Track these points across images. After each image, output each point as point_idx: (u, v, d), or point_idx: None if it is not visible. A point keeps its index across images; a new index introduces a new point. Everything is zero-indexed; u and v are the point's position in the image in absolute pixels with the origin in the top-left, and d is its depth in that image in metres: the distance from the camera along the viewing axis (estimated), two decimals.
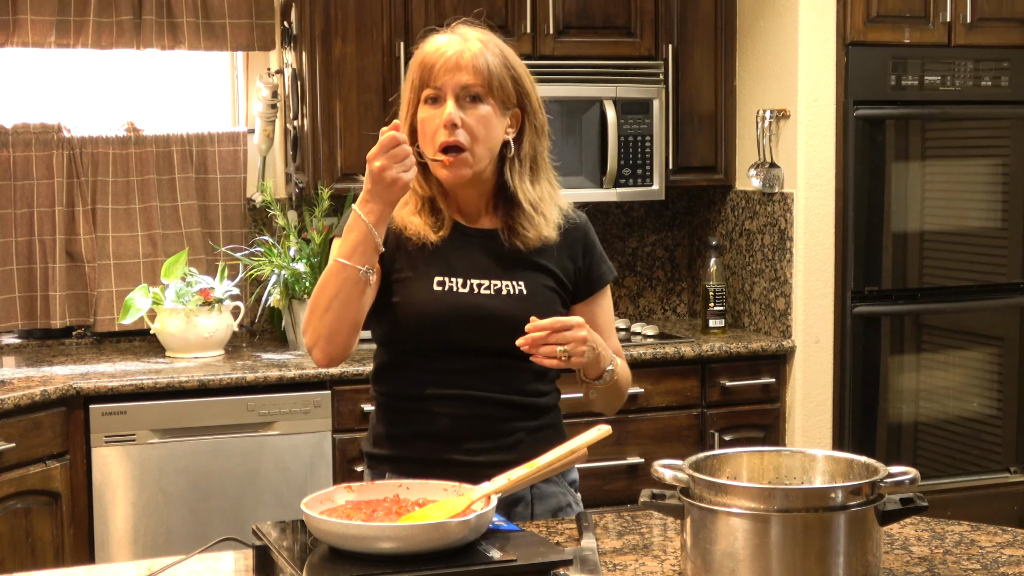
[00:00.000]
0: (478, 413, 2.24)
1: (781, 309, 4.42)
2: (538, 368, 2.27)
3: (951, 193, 4.56)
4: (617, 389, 2.31)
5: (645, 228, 4.91)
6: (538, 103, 2.29)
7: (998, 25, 4.50)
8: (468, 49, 2.21)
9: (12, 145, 4.16)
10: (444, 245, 2.26)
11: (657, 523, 2.22)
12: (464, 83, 2.20)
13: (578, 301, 2.35)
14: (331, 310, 2.14)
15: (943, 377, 4.59)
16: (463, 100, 2.20)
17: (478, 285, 2.25)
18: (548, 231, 2.28)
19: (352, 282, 2.13)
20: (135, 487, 3.72)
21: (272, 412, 3.79)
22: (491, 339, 2.20)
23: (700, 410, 4.29)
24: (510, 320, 2.20)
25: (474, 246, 2.28)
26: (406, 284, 2.25)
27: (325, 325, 2.15)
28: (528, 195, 2.27)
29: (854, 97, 4.35)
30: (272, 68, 4.41)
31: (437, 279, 2.24)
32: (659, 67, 4.44)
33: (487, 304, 2.23)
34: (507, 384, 2.26)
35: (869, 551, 1.79)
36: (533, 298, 2.26)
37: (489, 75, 2.20)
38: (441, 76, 2.20)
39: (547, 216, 2.29)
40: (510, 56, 2.26)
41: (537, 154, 2.30)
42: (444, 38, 2.25)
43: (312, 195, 4.19)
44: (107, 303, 4.27)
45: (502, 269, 2.27)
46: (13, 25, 4.07)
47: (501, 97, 2.22)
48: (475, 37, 2.24)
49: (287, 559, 1.81)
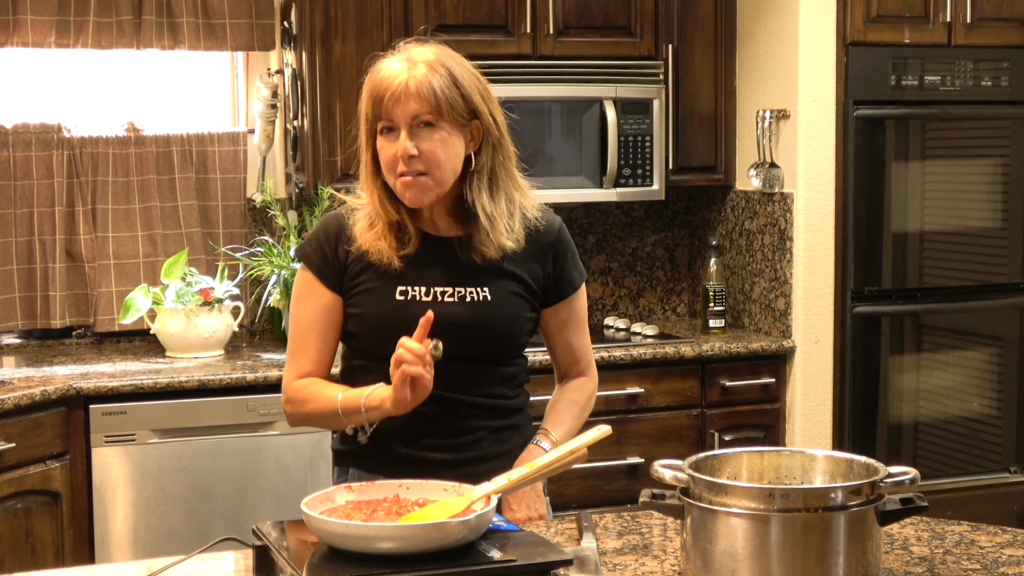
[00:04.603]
0: (438, 412, 2.25)
1: (781, 309, 4.42)
2: (505, 373, 2.31)
3: (951, 193, 4.56)
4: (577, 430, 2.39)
5: (645, 228, 4.91)
6: (492, 116, 2.26)
7: (998, 25, 4.50)
8: (413, 76, 2.18)
9: (12, 145, 4.16)
10: (410, 258, 2.27)
11: (657, 523, 2.22)
12: (413, 112, 2.18)
13: (548, 305, 2.37)
14: (316, 425, 2.34)
15: (943, 377, 4.59)
16: (416, 128, 2.19)
17: (442, 293, 2.26)
18: (507, 242, 2.27)
19: (343, 425, 2.26)
20: (135, 487, 3.72)
21: (272, 412, 3.79)
22: (454, 346, 2.20)
23: (700, 410, 4.29)
24: (473, 327, 2.25)
25: (440, 255, 2.29)
26: (369, 295, 2.28)
27: (310, 425, 2.35)
28: (485, 208, 2.25)
29: (854, 97, 4.35)
30: (272, 68, 4.41)
31: (400, 289, 2.26)
32: (659, 67, 4.44)
33: (449, 312, 2.24)
34: (470, 387, 2.29)
35: (869, 551, 1.79)
36: (498, 305, 2.28)
37: (436, 100, 2.18)
38: (391, 108, 2.19)
39: (508, 228, 2.28)
40: (459, 73, 2.22)
41: (496, 166, 2.27)
42: (392, 64, 2.22)
43: (312, 195, 4.19)
44: (107, 303, 4.27)
45: (467, 276, 2.28)
46: (13, 25, 4.07)
47: (453, 117, 2.20)
48: (422, 60, 2.21)
49: (287, 559, 1.82)
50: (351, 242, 2.29)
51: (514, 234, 2.29)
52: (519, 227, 2.30)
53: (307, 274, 2.33)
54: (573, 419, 2.39)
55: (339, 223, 2.33)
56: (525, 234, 2.31)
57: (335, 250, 2.30)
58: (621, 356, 4.11)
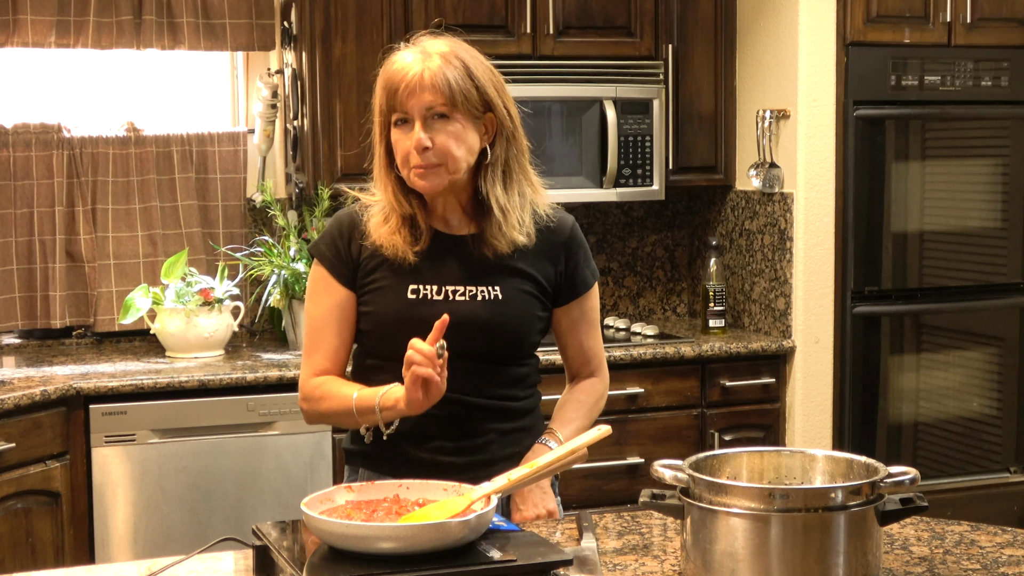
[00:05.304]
0: (448, 413, 2.25)
1: (781, 309, 4.42)
2: (516, 373, 2.31)
3: (951, 193, 4.56)
4: (584, 429, 2.38)
5: (645, 228, 4.91)
6: (506, 109, 2.26)
7: (998, 25, 4.50)
8: (428, 68, 2.19)
9: (12, 145, 4.16)
10: (422, 255, 2.27)
11: (657, 523, 2.22)
12: (428, 103, 2.19)
13: (560, 305, 2.37)
14: (332, 423, 2.38)
15: (943, 377, 4.59)
16: (430, 120, 2.20)
17: (453, 292, 2.26)
18: (519, 236, 2.27)
19: (357, 424, 2.26)
20: (135, 487, 3.72)
21: (272, 412, 3.79)
22: (465, 345, 2.20)
23: (700, 410, 4.29)
24: (484, 326, 2.25)
25: (452, 253, 2.28)
26: (381, 293, 2.28)
27: (325, 423, 2.41)
28: (499, 200, 2.26)
29: (854, 97, 4.35)
30: (272, 68, 4.41)
31: (411, 287, 2.26)
32: (659, 67, 4.44)
33: (460, 310, 2.23)
34: (481, 388, 2.28)
35: (869, 551, 1.79)
36: (509, 303, 2.28)
37: (451, 92, 2.19)
38: (405, 100, 2.20)
39: (520, 221, 2.28)
40: (473, 65, 2.23)
41: (510, 158, 2.28)
42: (407, 56, 2.23)
43: (312, 195, 4.19)
44: (107, 303, 4.27)
45: (479, 275, 2.28)
46: (13, 25, 4.07)
47: (468, 109, 2.21)
48: (436, 52, 2.22)
49: (287, 559, 1.82)
50: (365, 237, 2.29)
51: (525, 228, 2.28)
52: (530, 223, 2.30)
53: (321, 270, 2.33)
54: (581, 418, 2.39)
55: (352, 219, 2.33)
56: (537, 232, 2.31)
57: (348, 246, 2.30)
58: (621, 356, 4.11)
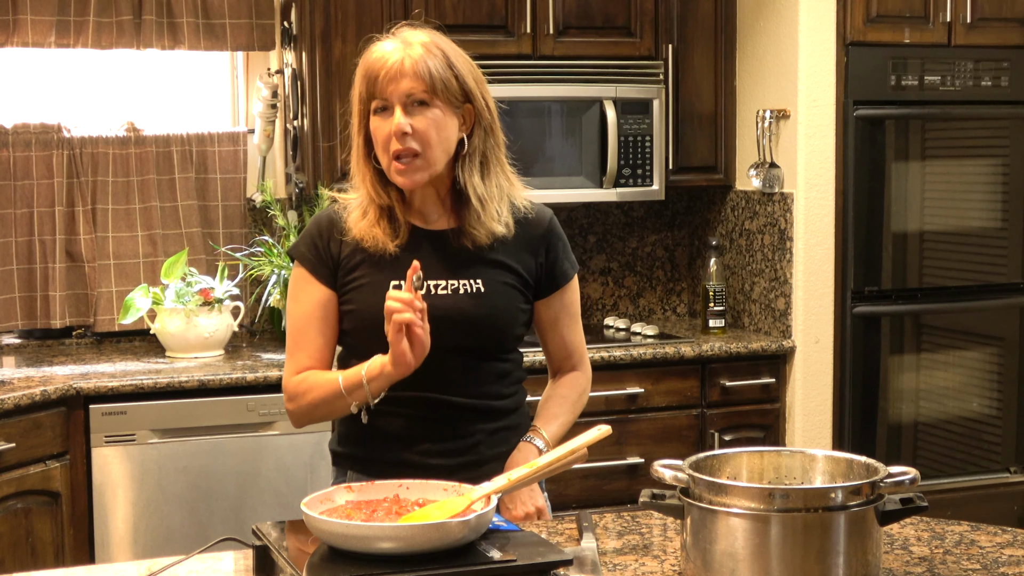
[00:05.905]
0: (435, 415, 2.26)
1: (781, 309, 4.42)
2: (499, 369, 2.31)
3: (951, 193, 4.56)
4: (569, 424, 2.41)
5: (645, 228, 4.91)
6: (484, 100, 2.28)
7: (998, 25, 4.50)
8: (409, 56, 2.21)
9: (12, 145, 4.16)
10: (402, 250, 2.28)
11: (657, 523, 2.22)
12: (408, 90, 2.20)
13: (541, 297, 2.38)
14: (320, 416, 2.30)
15: (943, 377, 4.59)
16: (410, 107, 2.21)
17: (435, 286, 2.27)
18: (498, 227, 2.28)
19: (347, 407, 2.24)
20: (135, 487, 3.72)
21: (272, 412, 3.79)
22: (449, 338, 2.21)
23: (700, 410, 4.29)
24: (468, 319, 2.25)
25: (431, 248, 2.29)
26: (363, 290, 2.28)
27: (314, 419, 2.31)
28: (477, 189, 2.27)
29: (854, 97, 4.35)
30: (272, 68, 4.41)
31: (393, 283, 2.25)
32: (659, 67, 4.44)
33: (443, 304, 2.24)
34: (466, 387, 2.29)
35: (869, 551, 1.79)
36: (491, 296, 2.29)
37: (432, 79, 2.20)
38: (386, 86, 2.21)
39: (498, 212, 2.29)
40: (453, 56, 2.25)
41: (487, 150, 2.29)
42: (387, 45, 2.25)
43: (312, 195, 4.19)
44: (107, 303, 4.27)
45: (459, 268, 2.28)
46: (13, 25, 4.07)
47: (447, 97, 2.22)
48: (417, 41, 2.24)
49: (287, 559, 1.82)
50: (345, 234, 2.30)
51: (503, 219, 2.29)
52: (508, 214, 2.31)
53: (301, 271, 2.33)
54: (565, 414, 2.39)
55: (331, 219, 2.34)
56: (516, 224, 2.32)
57: (327, 246, 2.31)
58: (621, 356, 4.11)
